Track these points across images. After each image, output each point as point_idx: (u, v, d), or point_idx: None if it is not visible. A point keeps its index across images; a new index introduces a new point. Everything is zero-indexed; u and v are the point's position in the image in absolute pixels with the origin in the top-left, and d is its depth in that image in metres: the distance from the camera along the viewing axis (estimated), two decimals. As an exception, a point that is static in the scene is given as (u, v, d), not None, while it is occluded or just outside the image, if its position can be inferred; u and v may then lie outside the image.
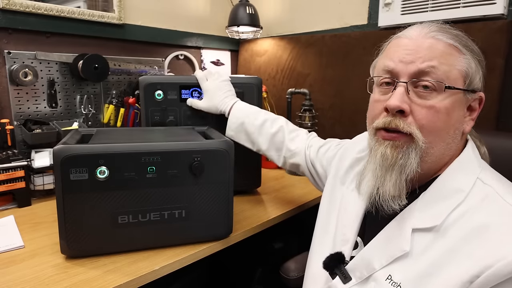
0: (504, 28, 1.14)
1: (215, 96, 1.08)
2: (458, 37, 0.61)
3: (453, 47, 0.59)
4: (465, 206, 0.57)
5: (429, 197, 0.60)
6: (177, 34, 1.72)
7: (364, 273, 0.63)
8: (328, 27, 1.66)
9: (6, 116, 1.23)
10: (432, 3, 1.28)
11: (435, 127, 0.58)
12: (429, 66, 0.57)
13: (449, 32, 0.61)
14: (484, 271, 0.50)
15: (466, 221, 0.55)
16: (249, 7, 1.68)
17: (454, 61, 0.58)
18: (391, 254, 0.60)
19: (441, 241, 0.56)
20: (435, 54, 0.58)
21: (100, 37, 1.45)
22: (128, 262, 0.81)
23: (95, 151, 0.78)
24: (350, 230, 0.70)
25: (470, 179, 0.59)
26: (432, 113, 0.58)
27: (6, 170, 1.09)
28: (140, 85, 1.13)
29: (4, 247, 0.86)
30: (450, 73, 0.58)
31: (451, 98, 0.58)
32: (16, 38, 1.24)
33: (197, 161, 0.85)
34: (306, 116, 1.56)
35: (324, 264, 0.69)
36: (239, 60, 1.99)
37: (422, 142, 0.58)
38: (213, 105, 1.08)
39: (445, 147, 0.60)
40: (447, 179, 0.61)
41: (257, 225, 1.03)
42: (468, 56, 0.59)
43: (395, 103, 0.58)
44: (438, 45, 0.58)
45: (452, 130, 0.59)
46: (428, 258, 0.56)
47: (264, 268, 1.34)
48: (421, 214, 0.59)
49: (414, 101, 0.59)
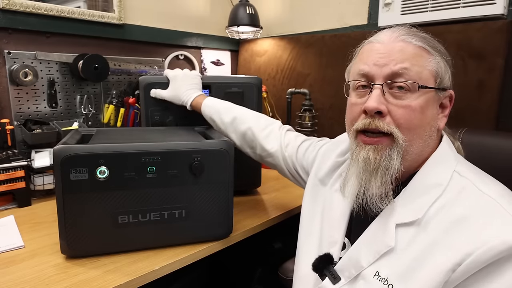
0: (504, 28, 1.14)
1: (180, 86, 1.08)
2: (426, 39, 0.64)
3: (422, 49, 0.62)
4: (444, 199, 0.59)
5: (410, 193, 0.62)
6: (177, 34, 1.72)
7: (353, 272, 0.64)
8: (328, 27, 1.66)
9: (6, 116, 1.23)
10: (432, 3, 1.28)
11: (412, 125, 0.61)
12: (402, 68, 0.60)
13: (417, 35, 0.64)
14: (465, 259, 0.52)
15: (446, 213, 0.58)
16: (249, 7, 1.68)
17: (424, 62, 0.62)
18: (377, 250, 0.61)
19: (423, 234, 0.58)
20: (406, 56, 0.61)
21: (100, 37, 1.45)
22: (128, 262, 0.81)
23: (95, 151, 0.78)
24: (337, 231, 0.71)
25: (447, 173, 0.62)
26: (408, 112, 0.60)
27: (6, 170, 1.09)
28: (140, 85, 1.13)
29: (4, 247, 0.86)
30: (421, 73, 0.61)
31: (424, 96, 0.61)
32: (16, 38, 1.24)
33: (197, 161, 0.85)
34: (306, 116, 1.56)
35: (313, 266, 0.69)
36: (239, 60, 2.00)
37: (402, 140, 0.61)
38: (176, 95, 1.08)
39: (423, 144, 0.63)
40: (426, 174, 0.63)
41: (257, 225, 1.03)
42: (437, 57, 0.63)
43: (373, 104, 0.61)
44: (409, 47, 0.62)
45: (428, 127, 0.62)
46: (412, 252, 0.58)
47: (264, 268, 1.34)
48: (403, 209, 0.61)
49: (390, 101, 0.61)
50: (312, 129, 1.56)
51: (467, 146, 0.72)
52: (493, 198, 0.56)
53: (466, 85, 1.20)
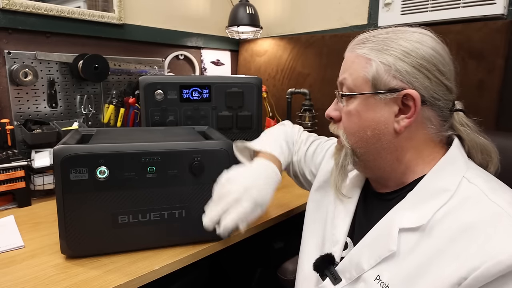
0: (504, 28, 1.14)
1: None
2: (376, 42, 0.64)
3: (360, 57, 0.65)
4: (450, 205, 0.58)
5: (415, 197, 0.61)
6: (177, 34, 1.72)
7: (354, 274, 0.63)
8: (328, 27, 1.66)
9: (6, 116, 1.23)
10: (432, 3, 1.28)
11: (351, 128, 0.66)
12: (343, 79, 0.67)
13: (368, 40, 0.66)
14: (472, 273, 0.50)
15: (452, 220, 0.56)
16: (249, 7, 1.68)
17: (359, 69, 0.64)
18: (379, 254, 0.61)
19: (427, 241, 0.57)
20: (347, 66, 0.67)
21: (100, 37, 1.45)
22: (128, 262, 0.81)
23: (95, 151, 0.78)
24: (339, 231, 0.71)
25: (456, 178, 0.60)
26: (347, 117, 0.67)
27: (6, 170, 1.09)
28: (140, 85, 1.13)
29: (4, 247, 0.86)
30: (356, 80, 0.64)
31: (359, 102, 0.64)
32: (16, 38, 1.24)
33: (197, 161, 0.85)
34: (306, 116, 1.56)
35: (315, 265, 0.69)
36: (239, 60, 1.99)
37: (346, 142, 0.67)
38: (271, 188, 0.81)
39: (374, 146, 0.64)
40: (433, 179, 0.62)
41: (257, 225, 1.03)
42: (376, 61, 0.62)
43: (326, 112, 0.72)
44: (351, 57, 0.67)
45: (370, 130, 0.64)
46: (415, 258, 0.57)
47: (263, 268, 1.34)
48: (408, 213, 0.61)
49: (341, 108, 0.69)
50: (312, 129, 1.56)
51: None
52: (501, 207, 0.54)
53: (466, 85, 1.19)
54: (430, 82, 0.61)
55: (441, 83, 0.61)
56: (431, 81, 0.61)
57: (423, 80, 0.60)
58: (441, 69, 0.61)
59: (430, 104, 0.61)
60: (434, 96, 0.61)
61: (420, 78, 0.60)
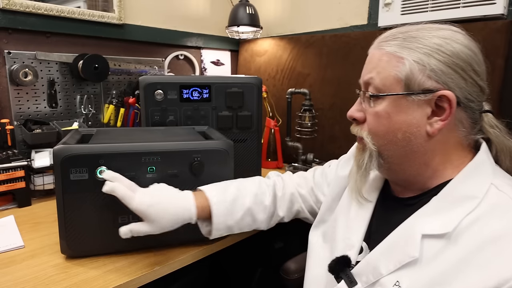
0: (504, 28, 1.14)
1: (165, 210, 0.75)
2: (407, 40, 0.60)
3: (390, 54, 0.61)
4: (478, 213, 0.55)
5: (440, 203, 0.59)
6: (177, 34, 1.72)
7: (371, 278, 0.61)
8: (328, 27, 1.66)
9: (6, 116, 1.23)
10: (432, 3, 1.28)
11: (379, 131, 0.63)
12: (369, 78, 0.63)
13: (397, 37, 0.61)
14: (503, 284, 0.49)
15: (480, 229, 0.54)
16: (249, 7, 1.68)
17: (389, 68, 0.61)
18: (399, 259, 0.59)
19: (452, 249, 0.55)
20: (374, 65, 0.63)
21: (100, 37, 1.45)
22: (128, 262, 0.81)
23: (95, 151, 0.78)
24: (356, 234, 0.69)
25: (483, 185, 0.58)
26: (375, 119, 0.63)
27: (6, 170, 1.09)
28: (140, 85, 1.13)
29: (4, 247, 0.86)
30: (386, 80, 0.61)
31: (392, 103, 0.61)
32: (16, 38, 1.24)
33: (197, 161, 0.85)
34: (306, 116, 1.56)
35: (330, 267, 0.67)
36: (239, 60, 2.00)
37: (372, 145, 0.64)
38: (172, 218, 0.75)
39: (403, 149, 0.62)
40: (459, 185, 0.59)
41: (257, 225, 1.03)
42: (409, 59, 0.59)
43: (348, 113, 0.68)
44: (378, 55, 0.63)
45: (401, 132, 0.61)
46: (438, 266, 0.55)
47: (264, 268, 1.34)
48: (431, 219, 0.58)
49: (366, 109, 0.65)
50: (312, 129, 1.56)
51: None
52: None
53: (466, 85, 1.20)
54: (466, 82, 0.58)
55: (476, 83, 0.59)
56: (467, 82, 0.58)
57: (459, 81, 0.58)
58: (476, 69, 0.59)
59: (464, 106, 0.59)
60: (468, 97, 0.59)
61: (455, 78, 0.58)
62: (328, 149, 1.59)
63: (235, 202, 0.82)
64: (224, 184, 0.85)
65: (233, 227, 0.83)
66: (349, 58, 1.51)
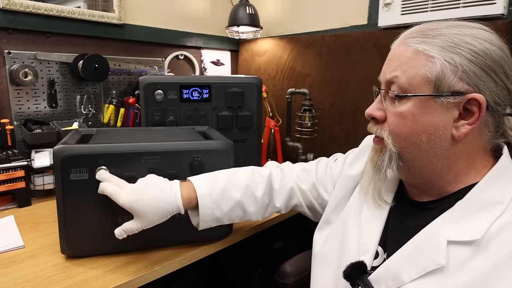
0: (504, 28, 1.14)
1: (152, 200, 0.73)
2: (441, 37, 0.57)
3: (418, 52, 0.58)
4: (506, 220, 0.53)
5: (465, 208, 0.57)
6: (177, 34, 1.72)
7: (390, 285, 0.59)
8: (328, 27, 1.66)
9: (6, 116, 1.23)
10: (432, 3, 1.28)
11: (402, 132, 0.60)
12: (393, 76, 0.60)
13: (427, 34, 0.58)
14: None
15: (510, 236, 0.52)
16: (249, 7, 1.68)
17: (418, 67, 0.57)
18: (423, 266, 0.56)
19: (481, 256, 0.52)
20: (401, 62, 0.59)
21: (100, 37, 1.45)
22: (128, 262, 0.81)
23: (95, 151, 0.78)
24: (371, 238, 0.66)
25: (509, 190, 0.56)
26: (398, 119, 0.60)
27: (6, 170, 1.09)
28: (140, 85, 1.13)
29: (4, 247, 0.86)
30: (412, 79, 0.58)
31: (418, 104, 0.58)
32: (16, 38, 1.24)
33: (197, 161, 0.85)
34: (306, 116, 1.56)
35: (345, 274, 0.63)
36: (239, 60, 2.00)
37: (393, 146, 0.61)
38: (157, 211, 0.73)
39: (426, 152, 0.59)
40: (484, 190, 0.57)
41: (257, 225, 1.03)
42: (440, 59, 0.56)
43: (368, 111, 0.64)
44: (407, 52, 0.59)
45: (425, 135, 0.58)
46: (466, 275, 0.52)
47: (263, 268, 1.34)
48: (457, 225, 0.56)
49: (387, 108, 0.62)
50: (312, 129, 1.56)
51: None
52: None
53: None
54: (496, 85, 0.56)
55: (506, 87, 0.57)
56: (497, 85, 0.56)
57: (490, 84, 0.55)
58: (507, 72, 0.57)
59: (491, 110, 0.57)
60: (496, 101, 0.57)
61: (487, 81, 0.55)
62: (328, 149, 1.59)
63: (224, 194, 0.79)
64: (215, 175, 0.81)
65: (222, 219, 0.80)
66: (349, 58, 1.51)
